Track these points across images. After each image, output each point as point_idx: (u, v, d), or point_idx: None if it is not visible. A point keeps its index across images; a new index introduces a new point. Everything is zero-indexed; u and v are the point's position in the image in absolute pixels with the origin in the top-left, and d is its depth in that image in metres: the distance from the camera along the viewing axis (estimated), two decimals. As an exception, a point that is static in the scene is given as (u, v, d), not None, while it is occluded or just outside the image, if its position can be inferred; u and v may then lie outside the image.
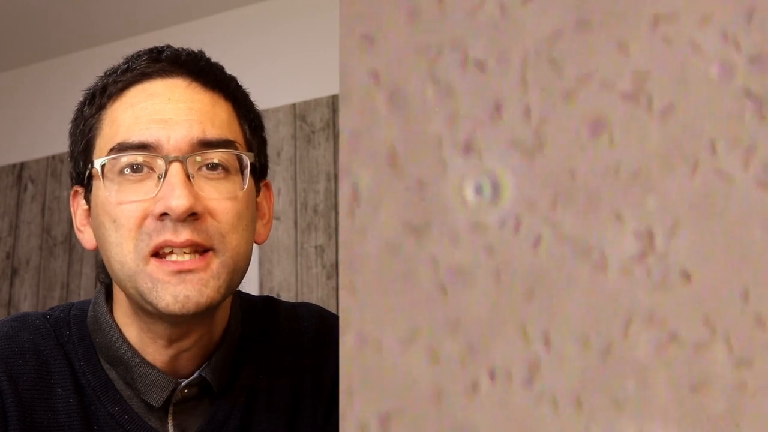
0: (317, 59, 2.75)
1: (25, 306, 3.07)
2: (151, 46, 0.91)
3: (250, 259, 0.86)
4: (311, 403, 0.93)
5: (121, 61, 0.88)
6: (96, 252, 0.89)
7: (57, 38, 3.12)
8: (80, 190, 0.89)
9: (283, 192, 2.75)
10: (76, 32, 3.08)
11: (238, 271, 0.84)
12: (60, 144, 3.21)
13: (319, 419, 0.93)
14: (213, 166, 0.83)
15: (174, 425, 0.87)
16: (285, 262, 2.71)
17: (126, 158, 0.82)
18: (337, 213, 2.70)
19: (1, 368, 0.83)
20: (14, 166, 3.23)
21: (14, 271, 3.14)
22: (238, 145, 0.86)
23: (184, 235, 0.80)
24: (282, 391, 0.93)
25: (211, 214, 0.82)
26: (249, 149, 0.88)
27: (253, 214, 0.87)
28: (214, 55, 0.91)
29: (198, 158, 0.82)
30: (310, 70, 2.77)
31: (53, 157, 3.13)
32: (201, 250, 0.81)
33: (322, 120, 2.77)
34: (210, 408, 0.89)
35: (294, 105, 2.80)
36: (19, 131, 3.25)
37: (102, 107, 0.86)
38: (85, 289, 2.97)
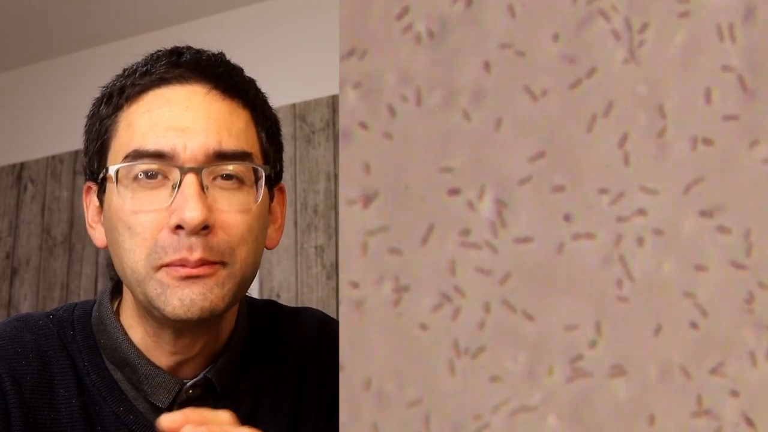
0: (317, 59, 2.74)
1: (25, 306, 3.07)
2: (151, 46, 0.89)
3: (258, 267, 0.86)
4: (313, 406, 0.94)
5: (141, 60, 0.87)
6: (96, 253, 0.89)
7: (57, 38, 3.12)
8: (93, 187, 0.89)
9: (283, 192, 2.75)
10: (76, 32, 3.08)
11: (245, 281, 0.85)
12: (60, 144, 3.22)
13: (321, 421, 0.93)
14: (228, 177, 0.83)
15: (178, 425, 0.87)
16: (285, 262, 2.71)
17: (141, 166, 0.82)
18: (337, 213, 2.70)
19: (5, 369, 0.83)
20: (14, 166, 3.22)
21: (14, 271, 3.14)
22: (254, 157, 0.85)
23: (198, 253, 0.80)
24: (285, 394, 0.93)
25: (223, 227, 0.81)
26: (265, 159, 0.87)
27: (265, 223, 0.87)
28: (215, 56, 0.90)
29: (213, 169, 0.82)
30: (310, 70, 2.77)
31: (53, 157, 3.13)
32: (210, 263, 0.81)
33: (322, 120, 2.77)
34: (214, 408, 0.89)
35: (294, 105, 2.80)
36: (19, 131, 3.25)
37: (119, 108, 0.85)
38: (85, 289, 2.96)
